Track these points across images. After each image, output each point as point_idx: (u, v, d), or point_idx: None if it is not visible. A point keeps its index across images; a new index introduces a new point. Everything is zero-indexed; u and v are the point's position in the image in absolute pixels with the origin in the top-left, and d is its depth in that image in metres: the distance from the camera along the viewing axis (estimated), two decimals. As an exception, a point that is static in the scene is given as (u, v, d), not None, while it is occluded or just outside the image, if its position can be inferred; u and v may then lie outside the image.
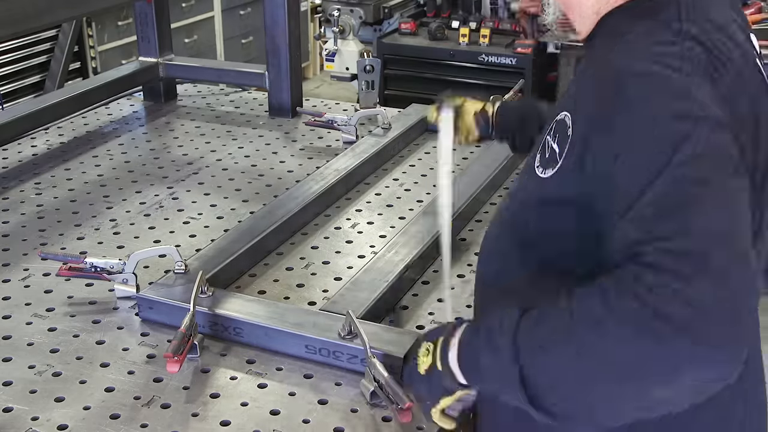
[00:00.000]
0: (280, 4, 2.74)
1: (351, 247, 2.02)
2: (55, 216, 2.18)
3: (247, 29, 6.59)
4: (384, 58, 4.66)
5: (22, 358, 1.60)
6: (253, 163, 2.52)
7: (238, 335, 1.64)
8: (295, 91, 2.87)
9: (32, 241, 2.05)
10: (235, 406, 1.47)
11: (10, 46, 4.50)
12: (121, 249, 2.00)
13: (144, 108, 2.98)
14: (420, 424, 1.42)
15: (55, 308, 1.76)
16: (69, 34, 4.78)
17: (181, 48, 5.64)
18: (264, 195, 2.30)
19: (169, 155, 2.58)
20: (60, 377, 1.54)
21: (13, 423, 1.42)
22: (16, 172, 2.45)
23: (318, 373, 1.56)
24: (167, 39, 3.02)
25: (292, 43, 2.80)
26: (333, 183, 2.23)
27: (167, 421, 1.43)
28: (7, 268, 1.93)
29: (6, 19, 2.10)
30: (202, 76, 3.13)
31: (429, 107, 1.95)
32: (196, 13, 6.00)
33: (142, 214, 2.19)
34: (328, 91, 6.88)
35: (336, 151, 2.53)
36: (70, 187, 2.35)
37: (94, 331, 1.69)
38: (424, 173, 2.42)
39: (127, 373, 1.55)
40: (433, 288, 1.85)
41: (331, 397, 1.49)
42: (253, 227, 1.99)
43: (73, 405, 1.47)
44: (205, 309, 1.64)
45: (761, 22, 4.14)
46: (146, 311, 1.71)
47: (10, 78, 4.58)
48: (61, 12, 2.38)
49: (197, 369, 1.56)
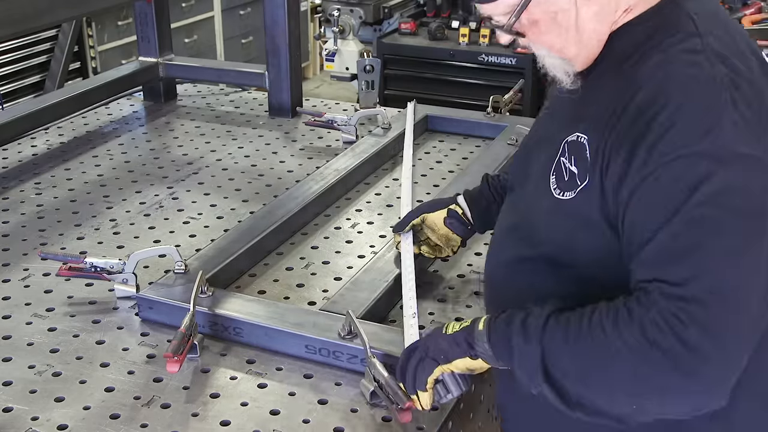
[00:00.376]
0: (280, 4, 2.74)
1: (351, 247, 2.02)
2: (55, 216, 2.19)
3: (247, 29, 6.60)
4: (384, 58, 4.66)
5: (22, 358, 1.60)
6: (253, 163, 2.52)
7: (238, 335, 1.64)
8: (295, 91, 2.87)
9: (32, 241, 2.05)
10: (235, 406, 1.47)
11: (10, 46, 4.50)
12: (121, 249, 2.00)
13: (144, 108, 2.99)
14: (420, 424, 1.42)
15: (55, 308, 1.76)
16: (69, 34, 4.78)
17: (181, 48, 5.65)
18: (264, 195, 2.30)
19: (169, 155, 2.58)
20: (60, 377, 1.54)
21: (13, 423, 1.42)
22: (16, 172, 2.45)
23: (318, 373, 1.55)
24: (167, 39, 3.02)
25: (292, 43, 2.80)
26: (333, 183, 2.23)
27: (167, 421, 1.43)
28: (7, 268, 1.93)
29: (6, 19, 2.10)
30: (202, 76, 3.13)
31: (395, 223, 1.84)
32: (196, 13, 6.00)
33: (142, 214, 2.19)
34: (328, 91, 6.88)
35: (336, 151, 2.53)
36: (70, 187, 2.35)
37: (94, 331, 1.69)
38: (424, 173, 2.42)
39: (127, 373, 1.55)
40: (433, 287, 1.85)
41: (331, 397, 1.49)
42: (253, 227, 1.99)
43: (73, 405, 1.47)
44: (205, 309, 1.64)
45: (761, 22, 4.14)
46: (146, 311, 1.71)
47: (10, 78, 4.58)
48: (60, 12, 2.38)
49: (197, 369, 1.56)
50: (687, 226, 1.11)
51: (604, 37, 1.25)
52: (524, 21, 1.25)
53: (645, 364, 1.11)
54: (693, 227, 1.11)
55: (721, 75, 1.14)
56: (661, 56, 1.18)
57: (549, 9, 1.23)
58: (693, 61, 1.15)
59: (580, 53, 1.27)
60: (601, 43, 1.26)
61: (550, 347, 1.19)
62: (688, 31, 1.19)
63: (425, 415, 1.43)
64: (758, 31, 4.04)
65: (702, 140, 1.11)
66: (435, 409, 1.44)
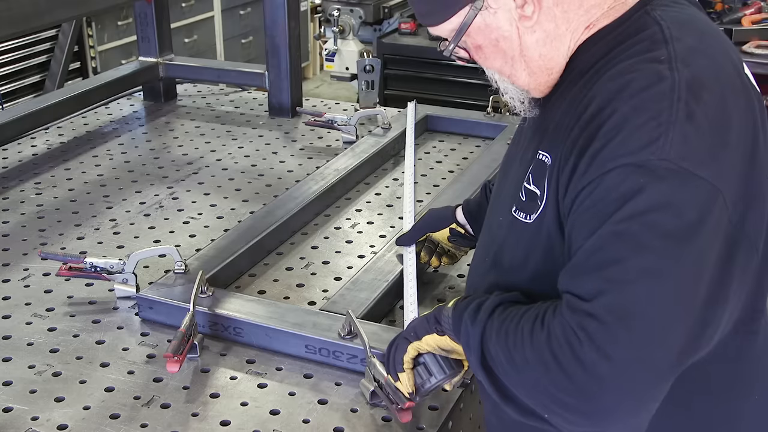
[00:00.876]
0: (280, 4, 2.74)
1: (351, 247, 2.02)
2: (55, 216, 2.19)
3: (247, 29, 6.60)
4: (384, 58, 4.64)
5: (22, 358, 1.60)
6: (252, 163, 2.52)
7: (238, 335, 1.64)
8: (294, 91, 2.87)
9: (32, 241, 2.05)
10: (234, 406, 1.47)
11: (10, 46, 4.50)
12: (121, 249, 2.00)
13: (144, 108, 2.99)
14: (420, 424, 1.42)
15: (55, 308, 1.76)
16: (69, 34, 4.78)
17: (181, 48, 5.65)
18: (264, 195, 2.30)
19: (168, 155, 2.58)
20: (60, 377, 1.54)
21: (13, 423, 1.42)
22: (17, 172, 2.45)
23: (318, 373, 1.56)
24: (167, 39, 3.02)
25: (292, 43, 2.80)
26: (333, 183, 2.23)
27: (167, 420, 1.43)
28: (7, 267, 1.93)
29: (6, 19, 2.10)
30: (202, 76, 3.13)
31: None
32: (196, 13, 6.00)
33: (142, 214, 2.19)
34: (328, 91, 6.89)
35: (336, 151, 2.53)
36: (70, 186, 2.36)
37: (94, 331, 1.69)
38: (424, 173, 2.42)
39: (127, 372, 1.55)
40: (433, 287, 1.85)
41: (331, 397, 1.49)
42: (253, 227, 1.99)
43: (73, 405, 1.47)
44: (205, 309, 1.64)
45: (761, 22, 4.13)
46: (146, 311, 1.71)
47: (10, 78, 4.57)
48: (61, 12, 2.38)
49: (197, 369, 1.57)
50: (608, 240, 1.04)
51: (559, 62, 1.20)
52: (469, 44, 1.22)
53: (546, 377, 1.06)
54: (614, 242, 1.04)
55: (680, 85, 1.05)
56: (620, 66, 1.11)
57: (490, 36, 1.19)
58: (652, 70, 1.08)
59: (531, 81, 1.22)
60: (558, 68, 1.20)
61: (489, 334, 1.17)
62: (654, 39, 1.12)
63: (425, 415, 1.43)
64: (758, 31, 4.04)
65: (641, 151, 1.03)
66: (435, 408, 1.45)
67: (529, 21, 1.16)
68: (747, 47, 3.94)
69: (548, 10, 1.16)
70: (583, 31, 1.18)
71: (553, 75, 1.21)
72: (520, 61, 1.20)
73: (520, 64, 1.20)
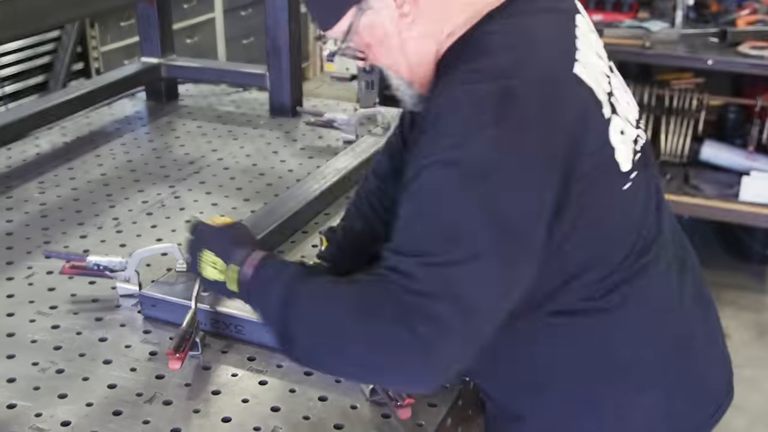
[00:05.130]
0: (282, 6, 2.76)
1: (351, 246, 2.03)
2: (59, 215, 2.20)
3: (248, 30, 6.60)
4: (385, 58, 4.66)
5: (25, 355, 1.61)
6: (254, 162, 2.54)
7: (239, 332, 1.65)
8: (295, 91, 2.89)
9: (36, 240, 2.07)
10: (236, 403, 1.48)
11: (14, 47, 4.51)
12: (124, 247, 2.02)
13: (146, 108, 3.00)
14: (420, 421, 1.43)
15: (59, 306, 1.78)
16: (72, 35, 4.78)
17: (183, 49, 5.65)
18: (265, 194, 2.32)
19: (170, 154, 2.60)
20: (63, 374, 1.56)
21: (17, 419, 1.43)
22: (21, 172, 2.46)
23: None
24: (169, 40, 3.03)
25: (293, 44, 2.82)
26: (333, 182, 2.25)
27: (169, 417, 1.44)
28: (11, 266, 1.94)
29: (9, 21, 2.12)
30: (203, 77, 3.14)
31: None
32: (198, 14, 6.01)
33: (144, 213, 2.21)
34: (328, 91, 6.89)
35: (336, 151, 2.54)
36: (73, 186, 2.37)
37: (96, 328, 1.70)
38: (424, 173, 2.43)
39: (130, 370, 1.57)
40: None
41: (331, 394, 1.50)
42: (254, 226, 1.99)
43: (76, 402, 1.48)
44: (207, 306, 1.66)
45: (756, 23, 4.14)
46: (148, 309, 1.73)
47: (14, 78, 4.59)
48: (63, 13, 2.39)
49: (199, 366, 1.58)
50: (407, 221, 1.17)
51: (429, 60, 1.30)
52: (360, 43, 1.33)
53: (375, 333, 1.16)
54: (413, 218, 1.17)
55: (492, 93, 1.15)
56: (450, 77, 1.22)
57: (376, 34, 1.30)
58: (469, 79, 1.18)
59: (413, 76, 1.33)
60: (429, 65, 1.31)
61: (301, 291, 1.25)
62: (481, 50, 1.21)
63: (425, 411, 1.45)
64: (752, 33, 4.03)
65: (450, 150, 1.15)
66: (434, 405, 1.46)
67: (407, 19, 1.27)
68: (742, 48, 3.94)
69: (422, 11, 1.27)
70: (446, 38, 1.28)
71: (428, 73, 1.31)
72: (402, 56, 1.31)
73: (402, 59, 1.31)
